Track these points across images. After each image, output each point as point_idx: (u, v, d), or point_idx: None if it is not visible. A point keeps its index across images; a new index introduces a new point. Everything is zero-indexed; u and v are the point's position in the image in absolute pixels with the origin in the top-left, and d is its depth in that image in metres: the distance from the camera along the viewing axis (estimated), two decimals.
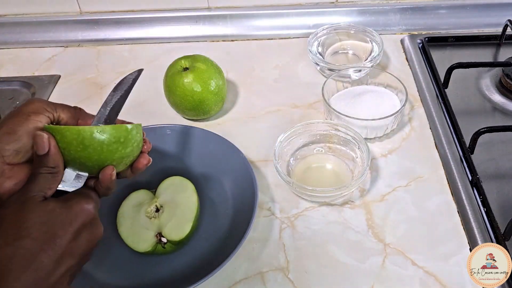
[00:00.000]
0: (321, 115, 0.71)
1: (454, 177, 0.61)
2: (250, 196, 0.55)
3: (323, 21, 0.85)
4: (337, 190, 0.57)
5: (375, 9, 0.87)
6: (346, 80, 0.73)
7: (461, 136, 0.65)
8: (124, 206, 0.57)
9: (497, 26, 0.82)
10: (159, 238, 0.54)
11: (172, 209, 0.55)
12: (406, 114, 0.70)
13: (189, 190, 0.57)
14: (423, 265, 0.53)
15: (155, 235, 0.54)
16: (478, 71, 0.77)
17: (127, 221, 0.55)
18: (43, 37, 0.87)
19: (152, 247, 0.53)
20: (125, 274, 0.53)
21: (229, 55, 0.83)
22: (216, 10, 0.88)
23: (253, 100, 0.74)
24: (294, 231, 0.57)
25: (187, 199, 0.56)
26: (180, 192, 0.57)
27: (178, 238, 0.53)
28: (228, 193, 0.59)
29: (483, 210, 0.57)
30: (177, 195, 0.57)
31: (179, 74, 0.66)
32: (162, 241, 0.53)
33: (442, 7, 0.86)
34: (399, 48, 0.83)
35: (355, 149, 0.62)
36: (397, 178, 0.62)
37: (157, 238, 0.54)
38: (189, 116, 0.70)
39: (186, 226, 0.54)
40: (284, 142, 0.62)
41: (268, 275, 0.53)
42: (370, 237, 0.56)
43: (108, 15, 0.88)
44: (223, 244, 0.54)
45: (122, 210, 0.57)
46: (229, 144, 0.60)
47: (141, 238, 0.54)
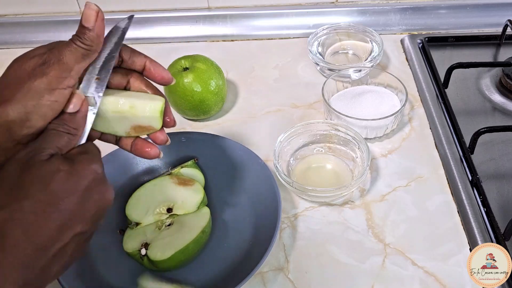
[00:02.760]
0: (321, 115, 0.71)
1: (454, 177, 0.61)
2: (271, 203, 0.54)
3: (323, 21, 0.85)
4: (337, 190, 0.57)
5: (375, 9, 0.87)
6: (346, 80, 0.73)
7: (461, 136, 0.65)
8: (146, 189, 0.56)
9: (497, 26, 0.82)
10: (142, 247, 0.51)
11: (176, 229, 0.53)
12: (406, 114, 0.70)
13: (202, 219, 0.54)
14: (423, 265, 0.53)
15: (143, 242, 0.52)
16: (478, 71, 0.77)
17: (137, 209, 0.54)
18: (43, 37, 0.87)
19: (134, 252, 0.52)
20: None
21: (229, 55, 0.83)
22: (216, 10, 0.88)
23: (253, 100, 0.74)
24: (294, 231, 0.57)
25: (193, 228, 0.53)
26: (194, 216, 0.55)
27: (152, 257, 0.50)
28: (247, 200, 0.58)
29: (483, 210, 0.57)
30: (189, 217, 0.55)
31: (179, 74, 0.66)
32: (141, 252, 0.51)
33: (442, 7, 0.86)
34: (399, 48, 0.83)
35: (355, 149, 0.62)
36: (397, 178, 0.62)
37: (141, 246, 0.51)
38: (189, 116, 0.70)
39: (167, 252, 0.50)
40: (284, 142, 0.62)
41: (268, 275, 0.53)
42: (370, 237, 0.56)
43: (108, 15, 0.87)
44: (245, 255, 0.52)
45: (138, 193, 0.56)
46: (247, 150, 0.59)
47: (132, 237, 0.53)
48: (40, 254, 0.32)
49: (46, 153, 0.35)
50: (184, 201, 0.55)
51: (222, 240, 0.55)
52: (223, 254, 0.54)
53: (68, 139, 0.37)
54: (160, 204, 0.55)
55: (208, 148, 0.61)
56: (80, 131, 0.39)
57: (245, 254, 0.53)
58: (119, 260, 0.53)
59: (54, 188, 0.33)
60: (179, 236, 0.52)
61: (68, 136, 0.37)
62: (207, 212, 0.55)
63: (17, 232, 0.31)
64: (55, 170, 0.34)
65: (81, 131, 0.39)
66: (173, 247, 0.51)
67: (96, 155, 0.38)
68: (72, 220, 0.34)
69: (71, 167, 0.35)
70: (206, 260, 0.54)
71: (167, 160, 0.61)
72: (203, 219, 0.54)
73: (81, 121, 0.39)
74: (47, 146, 0.36)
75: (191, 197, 0.56)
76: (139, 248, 0.52)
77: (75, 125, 0.38)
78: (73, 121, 0.38)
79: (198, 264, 0.53)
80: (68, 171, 0.34)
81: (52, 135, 0.37)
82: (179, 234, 0.52)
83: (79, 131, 0.38)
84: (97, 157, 0.38)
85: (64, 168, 0.34)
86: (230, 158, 0.60)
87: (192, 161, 0.60)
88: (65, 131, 0.37)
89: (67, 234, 0.34)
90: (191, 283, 0.52)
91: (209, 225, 0.54)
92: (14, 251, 0.31)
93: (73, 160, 0.36)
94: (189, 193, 0.56)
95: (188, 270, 0.53)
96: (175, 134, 0.61)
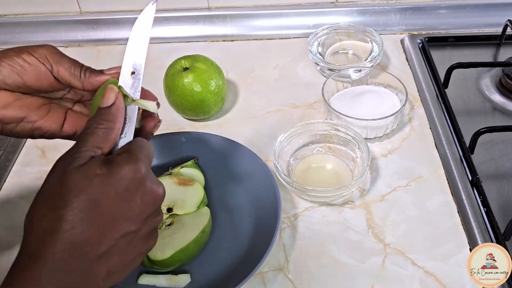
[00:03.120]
0: (321, 115, 0.71)
1: (454, 177, 0.61)
2: (271, 203, 0.54)
3: (323, 21, 0.85)
4: (337, 190, 0.57)
5: (375, 9, 0.87)
6: (346, 80, 0.73)
7: (461, 136, 0.65)
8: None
9: (497, 26, 0.82)
10: None
11: (176, 228, 0.53)
12: (406, 114, 0.70)
13: (202, 219, 0.54)
14: (423, 265, 0.53)
15: None
16: (478, 71, 0.77)
17: None
18: (43, 37, 0.87)
19: None
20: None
21: (229, 55, 0.83)
22: (216, 10, 0.88)
23: (253, 100, 0.74)
24: (294, 231, 0.57)
25: (193, 228, 0.53)
26: (194, 216, 0.55)
27: (152, 257, 0.50)
28: (247, 200, 0.58)
29: (483, 210, 0.57)
30: (189, 217, 0.55)
31: (179, 74, 0.66)
32: None
33: (442, 7, 0.86)
34: (399, 48, 0.83)
35: (355, 149, 0.62)
36: (397, 178, 0.62)
37: None
38: (189, 116, 0.70)
39: (167, 252, 0.50)
40: (284, 142, 0.62)
41: (268, 275, 0.53)
42: (370, 237, 0.56)
43: (108, 15, 0.88)
44: (245, 255, 0.52)
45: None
46: (247, 150, 0.59)
47: None
48: (78, 258, 0.33)
49: (84, 156, 0.35)
50: (184, 201, 0.55)
51: (222, 240, 0.55)
52: (223, 254, 0.54)
53: (103, 135, 0.37)
54: None
55: (208, 148, 0.61)
56: (118, 124, 0.38)
57: (245, 254, 0.53)
58: None
59: (91, 193, 0.33)
60: (179, 236, 0.52)
61: (104, 131, 0.37)
62: (207, 212, 0.55)
63: (57, 239, 0.32)
64: (91, 175, 0.34)
65: (119, 124, 0.38)
66: (173, 247, 0.50)
67: (138, 153, 0.36)
68: (115, 222, 0.34)
69: (109, 170, 0.34)
70: (206, 260, 0.54)
71: (167, 160, 0.61)
72: (203, 219, 0.54)
73: (117, 114, 0.38)
74: (84, 148, 0.35)
75: (191, 197, 0.56)
76: None
77: (110, 118, 0.37)
78: (108, 115, 0.37)
79: (198, 264, 0.53)
80: (106, 174, 0.34)
81: (87, 135, 0.36)
82: (179, 234, 0.52)
83: (115, 124, 0.38)
84: (139, 155, 0.36)
85: (101, 171, 0.34)
86: (230, 158, 0.60)
87: (192, 161, 0.60)
88: (101, 127, 0.37)
89: (109, 237, 0.34)
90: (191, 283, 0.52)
91: (209, 225, 0.54)
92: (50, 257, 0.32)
93: (111, 161, 0.35)
94: (189, 193, 0.56)
95: (188, 270, 0.53)
96: (175, 134, 0.61)
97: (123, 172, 0.35)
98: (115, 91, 0.39)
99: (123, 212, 0.35)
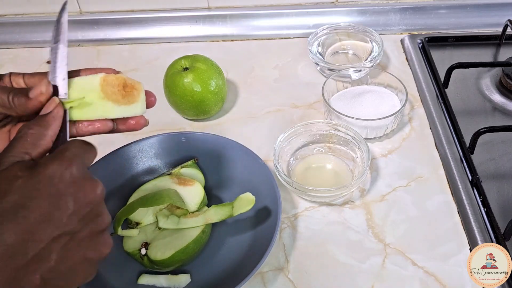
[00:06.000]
0: (321, 115, 0.71)
1: (454, 177, 0.61)
2: (271, 203, 0.54)
3: (323, 21, 0.85)
4: (337, 190, 0.57)
5: (375, 9, 0.87)
6: (346, 80, 0.73)
7: (461, 136, 0.65)
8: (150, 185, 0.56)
9: (497, 26, 0.82)
10: (142, 247, 0.52)
11: (177, 229, 0.53)
12: (406, 114, 0.70)
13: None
14: (423, 265, 0.53)
15: (143, 242, 0.52)
16: (478, 71, 0.77)
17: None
18: (43, 37, 0.87)
19: (134, 252, 0.52)
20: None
21: (229, 55, 0.83)
22: (216, 10, 0.88)
23: (253, 100, 0.74)
24: (294, 231, 0.57)
25: (193, 228, 0.53)
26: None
27: (152, 257, 0.50)
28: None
29: (483, 210, 0.57)
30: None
31: (179, 74, 0.66)
32: (141, 252, 0.51)
33: (442, 7, 0.86)
34: (399, 48, 0.83)
35: (355, 149, 0.62)
36: (397, 178, 0.62)
37: (141, 246, 0.52)
38: (189, 116, 0.70)
39: (167, 252, 0.50)
40: (284, 142, 0.62)
41: (268, 275, 0.53)
42: (370, 237, 0.56)
43: (108, 15, 0.88)
44: (245, 255, 0.52)
45: (139, 193, 0.56)
46: (247, 150, 0.59)
47: (132, 237, 0.53)
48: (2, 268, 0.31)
49: (7, 162, 0.34)
50: (184, 201, 0.55)
51: (222, 240, 0.55)
52: (223, 254, 0.54)
53: (33, 140, 0.36)
54: None
55: (208, 148, 0.61)
56: (50, 131, 0.37)
57: (245, 254, 0.53)
58: (119, 259, 0.53)
59: (12, 197, 0.32)
60: (179, 236, 0.52)
61: (34, 136, 0.36)
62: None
63: None
64: (12, 178, 0.32)
65: (51, 131, 0.37)
66: (173, 247, 0.51)
67: (66, 152, 0.35)
68: (42, 225, 0.32)
69: (32, 171, 0.33)
70: (206, 260, 0.54)
71: (167, 160, 0.61)
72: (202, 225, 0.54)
73: (52, 121, 0.37)
74: (10, 153, 0.34)
75: (191, 197, 0.56)
76: (139, 248, 0.52)
77: (43, 124, 0.37)
78: (41, 121, 0.37)
79: (198, 264, 0.53)
80: (28, 176, 0.33)
81: (16, 140, 0.35)
82: (179, 234, 0.52)
83: (47, 130, 0.37)
84: (67, 154, 0.34)
85: (23, 174, 0.33)
86: (230, 158, 0.60)
87: (192, 161, 0.60)
88: (30, 132, 0.36)
89: (38, 240, 0.32)
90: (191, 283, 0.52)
91: (209, 225, 0.54)
92: None
93: (36, 163, 0.34)
94: (189, 193, 0.56)
95: (188, 270, 0.53)
96: (175, 134, 0.61)
97: (47, 172, 0.33)
98: (55, 102, 0.38)
99: (51, 213, 0.33)
